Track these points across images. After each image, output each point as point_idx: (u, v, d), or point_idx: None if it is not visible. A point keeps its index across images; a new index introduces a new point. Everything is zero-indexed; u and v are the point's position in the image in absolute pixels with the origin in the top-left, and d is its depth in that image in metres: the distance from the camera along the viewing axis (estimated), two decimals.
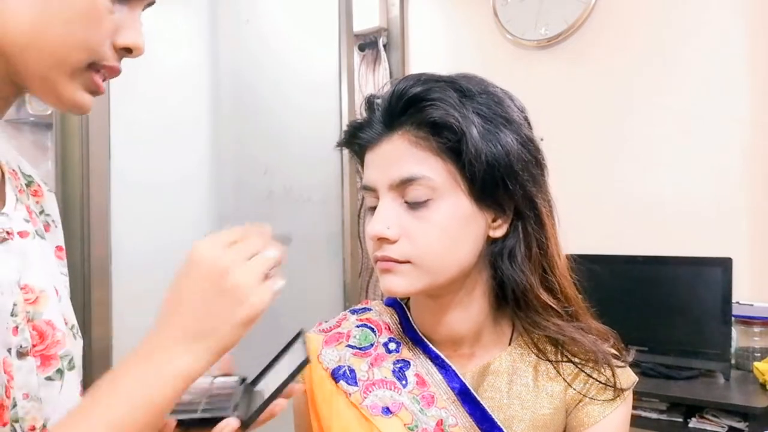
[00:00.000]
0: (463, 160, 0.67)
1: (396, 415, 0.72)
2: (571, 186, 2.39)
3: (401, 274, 0.69)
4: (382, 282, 0.71)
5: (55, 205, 0.73)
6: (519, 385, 0.75)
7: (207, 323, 0.51)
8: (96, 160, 1.47)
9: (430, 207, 0.68)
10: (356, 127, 0.74)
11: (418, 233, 0.68)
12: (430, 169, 0.68)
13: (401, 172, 0.68)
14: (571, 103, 2.50)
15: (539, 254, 0.73)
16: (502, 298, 0.76)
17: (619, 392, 0.74)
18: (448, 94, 0.68)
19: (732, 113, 2.20)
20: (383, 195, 0.70)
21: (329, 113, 2.11)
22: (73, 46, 0.54)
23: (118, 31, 0.56)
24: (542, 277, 0.73)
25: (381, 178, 0.70)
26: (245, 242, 0.54)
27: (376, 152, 0.72)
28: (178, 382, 0.51)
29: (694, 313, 2.07)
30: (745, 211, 2.18)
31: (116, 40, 0.57)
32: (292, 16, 2.03)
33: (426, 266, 0.69)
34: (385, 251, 0.69)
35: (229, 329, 0.52)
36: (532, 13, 2.58)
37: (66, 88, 0.56)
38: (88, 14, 0.54)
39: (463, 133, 0.67)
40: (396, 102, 0.69)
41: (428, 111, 0.67)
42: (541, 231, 0.73)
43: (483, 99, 0.70)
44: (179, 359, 0.51)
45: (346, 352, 0.77)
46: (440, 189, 0.68)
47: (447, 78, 0.71)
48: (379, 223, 0.69)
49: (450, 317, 0.75)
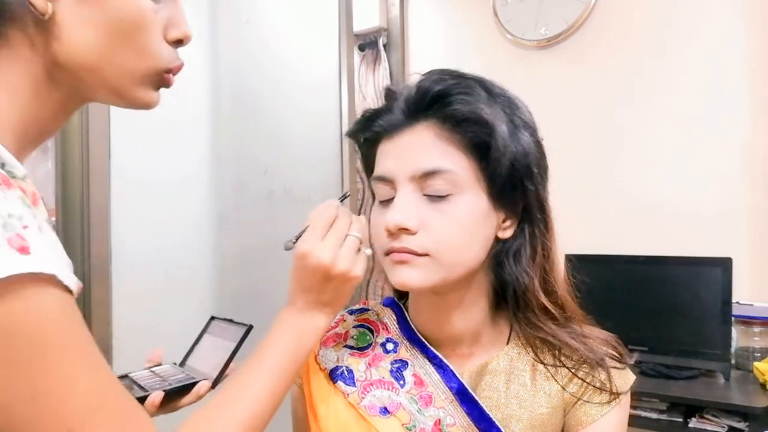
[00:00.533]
0: (490, 156, 0.67)
1: (394, 415, 0.72)
2: (571, 186, 2.40)
3: (418, 267, 0.68)
4: (394, 274, 0.69)
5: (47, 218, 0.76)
6: (517, 384, 0.75)
7: (328, 297, 0.68)
8: (96, 160, 1.47)
9: (450, 201, 0.68)
10: (374, 114, 0.73)
11: (438, 226, 0.68)
12: (453, 163, 0.68)
13: (425, 164, 0.68)
14: (571, 103, 2.50)
15: (542, 256, 0.74)
16: (501, 299, 0.77)
17: (614, 396, 0.74)
18: (477, 90, 0.68)
19: (732, 113, 2.20)
20: (402, 186, 0.69)
21: (329, 113, 2.11)
22: (138, 57, 0.56)
23: (167, 27, 0.58)
24: (542, 279, 0.74)
25: (401, 168, 0.69)
26: (334, 229, 0.67)
27: (396, 142, 0.70)
28: (318, 332, 0.69)
29: (694, 313, 2.07)
30: (745, 211, 2.18)
31: (167, 35, 0.58)
32: (292, 16, 2.03)
33: (443, 260, 0.68)
34: (403, 242, 0.68)
35: (344, 297, 0.69)
36: (532, 13, 2.58)
37: (137, 93, 0.58)
38: (141, 23, 0.55)
39: (494, 128, 0.67)
40: (423, 94, 0.69)
41: (457, 105, 0.67)
42: (547, 234, 0.74)
43: (503, 99, 0.71)
44: (318, 318, 0.68)
45: (344, 352, 0.78)
46: (462, 184, 0.68)
47: (471, 76, 0.71)
48: (399, 213, 0.67)
49: (451, 316, 0.75)
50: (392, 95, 0.73)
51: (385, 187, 0.71)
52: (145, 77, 0.57)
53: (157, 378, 0.78)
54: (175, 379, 0.77)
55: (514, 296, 0.73)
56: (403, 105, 0.71)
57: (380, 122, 0.72)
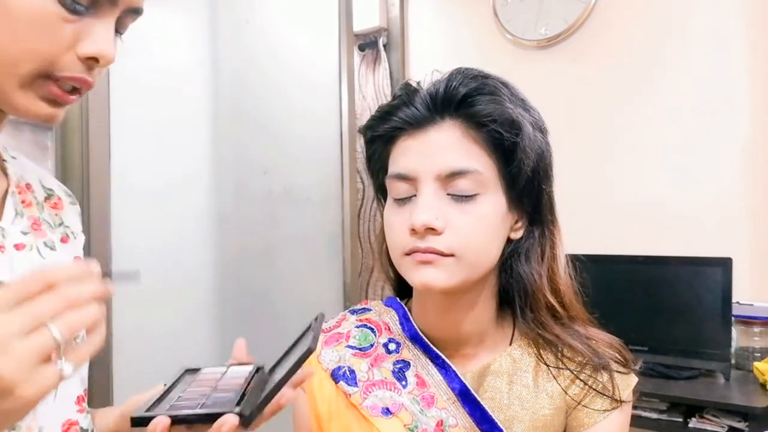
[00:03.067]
0: (515, 157, 0.67)
1: (396, 415, 0.72)
2: (571, 186, 2.39)
3: (443, 268, 0.67)
4: (417, 275, 0.68)
5: (76, 218, 0.74)
6: (519, 385, 0.75)
7: None
8: (96, 160, 1.47)
9: (475, 201, 0.68)
10: (393, 108, 0.71)
11: (464, 226, 0.67)
12: (480, 163, 0.68)
13: (453, 163, 0.67)
14: (571, 103, 2.50)
15: (550, 257, 0.74)
16: (506, 300, 0.77)
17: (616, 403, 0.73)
18: (503, 91, 0.68)
19: (732, 113, 2.20)
20: (426, 184, 0.68)
21: (329, 113, 2.11)
22: (21, 56, 0.52)
23: (80, 40, 0.54)
24: (549, 278, 0.74)
25: (426, 167, 0.68)
26: (35, 303, 0.42)
27: (419, 139, 0.69)
28: None
29: (694, 313, 2.07)
30: (745, 211, 2.18)
31: (78, 49, 0.54)
32: (292, 16, 2.03)
33: (467, 261, 0.68)
34: (429, 242, 0.66)
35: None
36: (532, 13, 2.58)
37: (18, 97, 0.54)
38: (37, 23, 0.51)
39: (521, 129, 0.67)
40: (452, 92, 0.68)
41: (485, 105, 0.67)
42: (555, 234, 0.75)
43: (521, 101, 0.71)
44: None
45: (345, 352, 0.77)
46: (486, 185, 0.68)
47: (495, 77, 0.71)
48: (426, 212, 0.66)
49: (460, 317, 0.74)
50: (411, 90, 0.72)
51: (405, 186, 0.70)
52: (26, 80, 0.53)
53: (196, 388, 0.58)
54: (205, 399, 0.55)
55: (521, 296, 0.73)
56: (428, 101, 0.69)
57: (401, 115, 0.70)
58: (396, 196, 0.71)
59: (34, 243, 0.64)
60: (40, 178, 0.71)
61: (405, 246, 0.68)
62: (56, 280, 0.43)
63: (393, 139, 0.72)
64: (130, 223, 1.53)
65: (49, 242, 0.67)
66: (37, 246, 0.65)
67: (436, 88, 0.70)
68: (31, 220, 0.65)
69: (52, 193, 0.71)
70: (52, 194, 0.71)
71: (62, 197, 0.73)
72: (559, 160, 0.74)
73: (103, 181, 1.48)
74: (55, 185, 0.73)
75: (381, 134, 0.73)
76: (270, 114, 1.92)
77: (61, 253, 0.68)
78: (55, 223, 0.70)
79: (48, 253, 0.66)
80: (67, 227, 0.71)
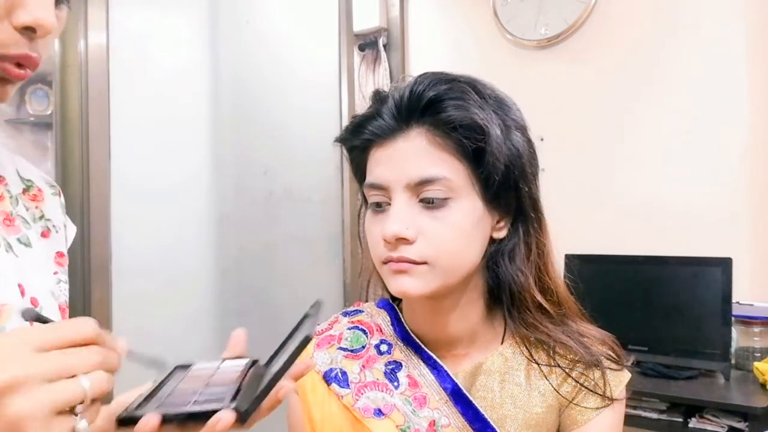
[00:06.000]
0: (485, 161, 0.67)
1: (388, 416, 0.72)
2: (571, 186, 2.39)
3: (417, 276, 0.68)
4: (394, 283, 0.69)
5: (58, 209, 0.69)
6: (511, 384, 0.75)
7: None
8: (96, 160, 1.48)
9: (446, 208, 0.68)
10: (364, 119, 0.72)
11: (435, 234, 0.67)
12: (448, 169, 0.67)
13: (421, 171, 0.67)
14: (571, 103, 2.50)
15: (537, 254, 0.74)
16: (496, 299, 0.76)
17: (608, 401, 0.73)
18: (470, 95, 0.68)
19: (732, 113, 2.20)
20: (398, 194, 0.68)
21: (329, 113, 2.11)
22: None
23: (13, 7, 0.49)
24: (537, 277, 0.74)
25: (396, 176, 0.68)
26: (74, 352, 0.41)
27: (389, 149, 0.69)
28: None
29: (694, 313, 2.07)
30: (745, 211, 2.18)
31: (13, 20, 0.49)
32: (292, 16, 2.03)
33: (442, 267, 0.68)
34: (401, 252, 0.67)
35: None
36: (532, 13, 2.57)
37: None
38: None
39: (488, 134, 0.67)
40: (416, 99, 0.68)
41: (451, 111, 0.67)
42: (541, 231, 0.74)
43: (494, 102, 0.70)
44: None
45: (337, 354, 0.77)
46: (457, 190, 0.68)
47: (464, 78, 0.70)
48: (397, 224, 0.66)
49: (447, 319, 0.75)
50: (380, 99, 0.72)
51: (379, 194, 0.71)
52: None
53: (186, 384, 0.54)
54: (197, 396, 0.51)
55: (509, 295, 0.73)
56: (393, 110, 0.70)
57: (370, 128, 0.71)
58: (373, 205, 0.72)
59: (4, 240, 0.60)
60: (17, 169, 0.66)
61: (381, 255, 0.69)
62: (97, 336, 0.42)
63: (367, 149, 0.73)
64: (130, 224, 1.53)
65: (23, 238, 0.62)
66: (8, 242, 0.60)
67: (400, 95, 0.70)
68: (3, 215, 0.61)
69: (30, 184, 0.67)
70: (31, 185, 0.67)
71: (43, 188, 0.68)
72: (559, 160, 0.75)
73: (103, 181, 1.48)
74: (35, 176, 0.68)
75: (356, 145, 0.74)
76: (270, 114, 1.93)
77: (40, 249, 0.64)
78: (34, 217, 0.66)
79: (22, 251, 0.62)
80: (48, 221, 0.67)
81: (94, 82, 1.47)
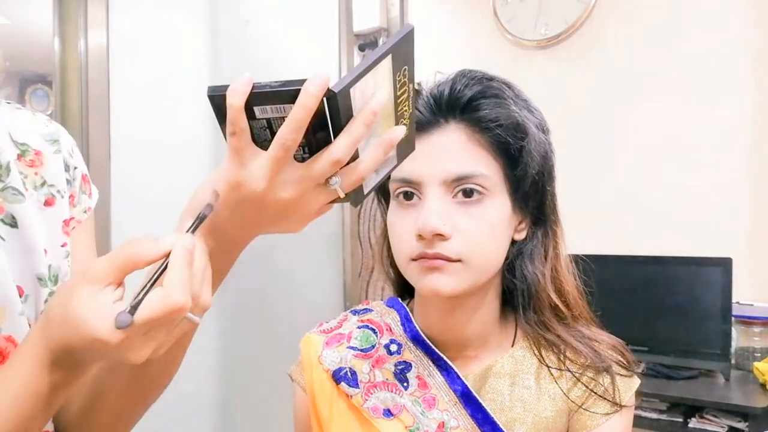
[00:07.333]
0: (521, 160, 0.67)
1: (397, 417, 0.71)
2: (571, 186, 2.38)
3: (450, 274, 0.66)
4: (425, 282, 0.67)
5: (60, 169, 0.62)
6: (521, 387, 0.74)
7: (86, 358, 0.48)
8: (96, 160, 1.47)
9: (482, 205, 0.67)
10: None
11: (471, 230, 0.66)
12: (485, 166, 0.67)
13: (459, 168, 0.66)
14: (571, 103, 2.50)
15: (553, 256, 0.74)
16: (508, 301, 0.76)
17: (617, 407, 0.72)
18: (507, 93, 0.68)
19: (732, 113, 2.20)
20: (432, 189, 0.67)
21: None
22: None
23: None
24: (552, 278, 0.74)
25: (432, 171, 0.67)
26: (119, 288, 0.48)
27: (424, 143, 0.67)
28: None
29: (694, 313, 2.07)
30: (745, 211, 2.18)
31: None
32: (292, 16, 2.02)
33: (475, 265, 0.67)
34: (436, 248, 0.65)
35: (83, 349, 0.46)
36: (532, 13, 2.58)
37: None
38: None
39: (527, 133, 0.67)
40: (457, 95, 0.68)
41: (491, 109, 0.66)
42: (558, 234, 0.75)
43: (524, 102, 0.71)
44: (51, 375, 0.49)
45: (347, 353, 0.77)
46: (492, 188, 0.67)
47: (499, 78, 0.70)
48: (433, 219, 0.65)
49: (462, 320, 0.74)
50: None
51: (409, 190, 0.69)
52: None
53: None
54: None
55: (524, 297, 0.73)
56: (432, 104, 0.69)
57: None
58: (400, 200, 0.70)
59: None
60: (9, 131, 0.59)
61: (412, 252, 0.67)
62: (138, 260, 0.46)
63: None
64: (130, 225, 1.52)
65: (6, 218, 0.56)
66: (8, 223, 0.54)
67: (440, 90, 0.69)
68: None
69: (26, 148, 0.59)
70: (27, 149, 0.59)
71: (42, 149, 0.61)
72: (559, 160, 0.74)
73: (103, 182, 1.48)
74: (32, 136, 0.60)
75: None
76: None
77: (42, 220, 0.58)
78: (35, 185, 0.59)
79: (6, 232, 0.55)
80: (51, 186, 0.60)
81: (94, 82, 1.46)
